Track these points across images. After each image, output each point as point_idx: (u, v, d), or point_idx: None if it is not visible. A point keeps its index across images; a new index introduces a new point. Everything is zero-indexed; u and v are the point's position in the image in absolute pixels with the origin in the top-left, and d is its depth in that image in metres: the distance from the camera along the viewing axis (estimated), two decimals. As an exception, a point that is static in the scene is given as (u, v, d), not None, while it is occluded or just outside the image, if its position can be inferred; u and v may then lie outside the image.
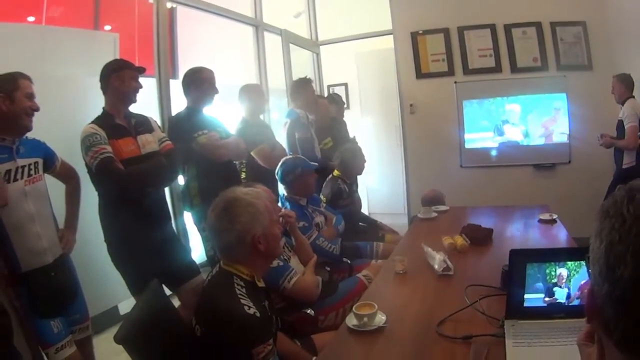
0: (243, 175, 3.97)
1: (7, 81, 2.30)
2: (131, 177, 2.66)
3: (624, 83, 4.53)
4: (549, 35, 5.59)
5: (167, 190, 3.27)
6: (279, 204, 3.26)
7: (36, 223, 2.34)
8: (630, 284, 0.62)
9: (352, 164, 4.33)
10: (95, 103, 2.83)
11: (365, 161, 4.47)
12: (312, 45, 6.85)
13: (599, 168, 5.23)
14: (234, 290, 1.77)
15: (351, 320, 2.05)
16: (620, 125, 4.53)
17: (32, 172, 2.38)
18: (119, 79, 2.74)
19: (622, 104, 4.53)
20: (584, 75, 5.49)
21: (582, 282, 1.82)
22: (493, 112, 5.89)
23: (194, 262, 3.16)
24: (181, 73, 3.54)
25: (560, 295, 1.87)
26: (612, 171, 4.82)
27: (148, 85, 3.35)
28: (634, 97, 4.49)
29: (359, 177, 4.66)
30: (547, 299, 1.88)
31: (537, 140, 5.78)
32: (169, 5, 4.37)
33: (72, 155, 2.71)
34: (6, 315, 1.94)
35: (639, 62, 4.69)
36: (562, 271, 1.86)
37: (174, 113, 3.59)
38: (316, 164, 3.62)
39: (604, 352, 0.75)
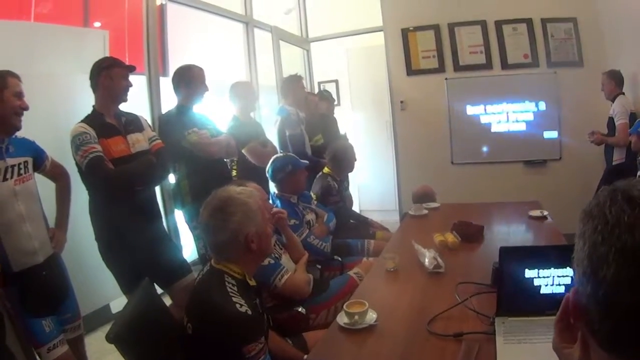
0: (234, 173, 3.96)
1: None
2: (121, 176, 2.65)
3: (614, 79, 4.55)
4: (540, 32, 5.60)
5: (157, 188, 3.26)
6: (270, 202, 3.26)
7: (27, 223, 2.32)
8: (614, 285, 0.62)
9: (344, 161, 4.31)
10: (85, 101, 2.81)
11: (356, 159, 4.46)
12: (303, 42, 6.86)
13: (590, 164, 5.26)
14: (225, 288, 1.77)
15: (342, 319, 2.05)
16: (610, 122, 4.56)
17: (22, 171, 2.36)
18: (108, 77, 2.73)
19: (613, 100, 4.55)
20: (575, 71, 5.51)
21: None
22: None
23: (185, 260, 3.16)
24: (171, 70, 3.53)
25: (551, 291, 1.88)
26: (603, 167, 4.84)
27: (138, 83, 3.34)
28: (623, 93, 4.51)
29: (349, 174, 4.66)
30: (536, 296, 1.89)
31: (527, 136, 5.79)
32: (158, 2, 4.36)
33: (62, 154, 2.70)
34: (-2, 315, 1.94)
35: (629, 59, 4.72)
36: (552, 269, 1.87)
37: (164, 111, 3.58)
38: (307, 161, 3.61)
39: (589, 351, 0.76)
